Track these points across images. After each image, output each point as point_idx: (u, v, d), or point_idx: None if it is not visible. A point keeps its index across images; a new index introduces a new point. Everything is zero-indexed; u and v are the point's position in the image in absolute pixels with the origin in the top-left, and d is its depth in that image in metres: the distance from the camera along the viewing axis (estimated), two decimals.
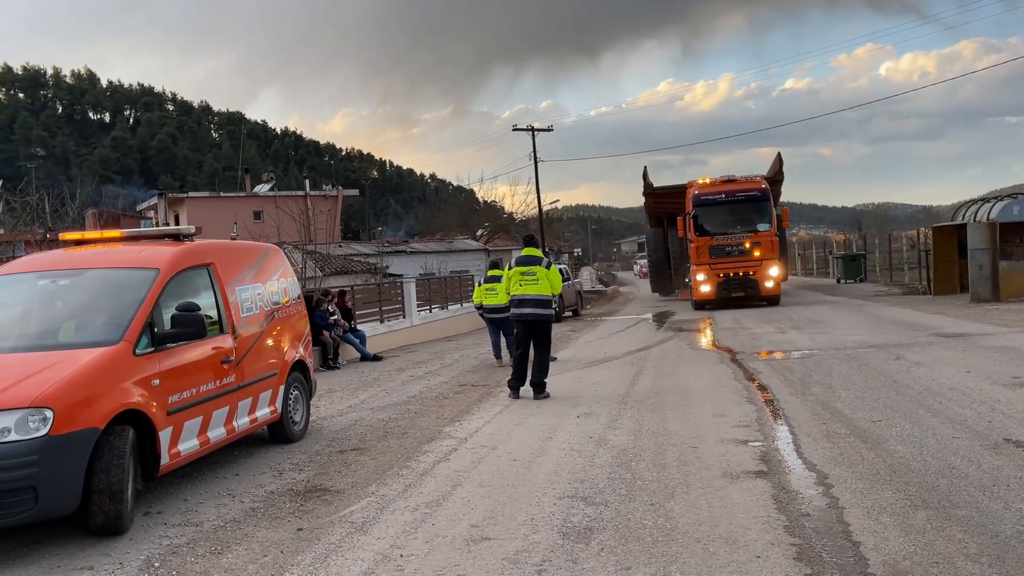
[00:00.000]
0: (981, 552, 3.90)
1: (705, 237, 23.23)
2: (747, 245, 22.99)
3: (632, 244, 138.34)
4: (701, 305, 23.43)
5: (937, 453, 5.81)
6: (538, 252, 9.79)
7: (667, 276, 31.61)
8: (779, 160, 27.56)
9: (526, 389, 9.65)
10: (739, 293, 22.92)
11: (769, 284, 22.82)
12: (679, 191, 26.58)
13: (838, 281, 36.71)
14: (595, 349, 15.16)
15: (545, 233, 45.51)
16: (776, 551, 4.16)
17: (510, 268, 9.77)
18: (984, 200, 22.38)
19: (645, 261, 43.59)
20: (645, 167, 30.22)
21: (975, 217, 21.06)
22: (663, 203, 29.30)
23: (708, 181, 24.46)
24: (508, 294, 9.83)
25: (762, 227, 23.23)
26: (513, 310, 9.68)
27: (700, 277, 23.15)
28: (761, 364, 11.33)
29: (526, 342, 9.59)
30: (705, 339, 15.65)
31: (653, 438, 6.99)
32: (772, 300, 23.04)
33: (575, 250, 69.26)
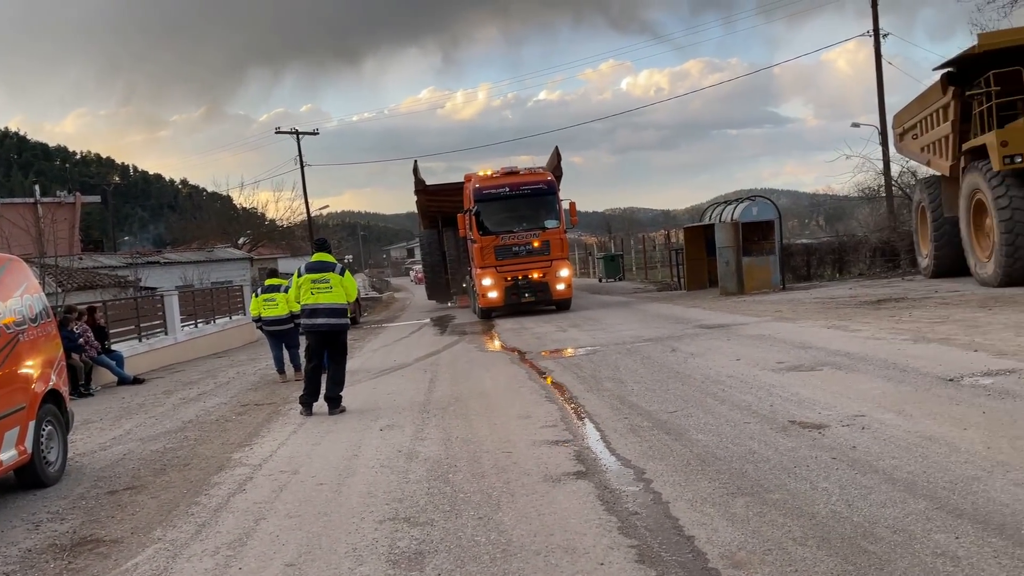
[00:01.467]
0: (806, 535, 4.05)
1: (489, 236, 20.97)
2: (536, 244, 21.00)
3: (402, 250, 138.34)
4: (488, 313, 21.32)
5: (736, 439, 6.09)
6: (330, 257, 9.23)
7: (444, 281, 30.08)
8: (557, 154, 25.34)
9: (319, 405, 9.05)
10: (530, 298, 21.07)
11: (561, 287, 21.08)
12: (455, 188, 25.12)
13: (600, 280, 38.93)
14: (383, 357, 14.72)
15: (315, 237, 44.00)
16: (617, 555, 4.07)
17: (299, 275, 9.12)
18: (728, 202, 24.65)
19: (421, 266, 40.46)
20: (415, 161, 28.04)
21: (720, 218, 23.13)
22: (438, 201, 27.71)
23: (489, 173, 22.12)
24: (298, 303, 9.17)
25: (550, 224, 21.27)
26: (304, 320, 9.04)
27: (487, 282, 20.84)
28: (551, 363, 11.53)
29: (320, 354, 9.00)
30: (491, 341, 15.76)
31: (465, 446, 6.76)
32: (563, 304, 21.48)
33: (346, 257, 67.83)
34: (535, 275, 20.89)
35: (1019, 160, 14.38)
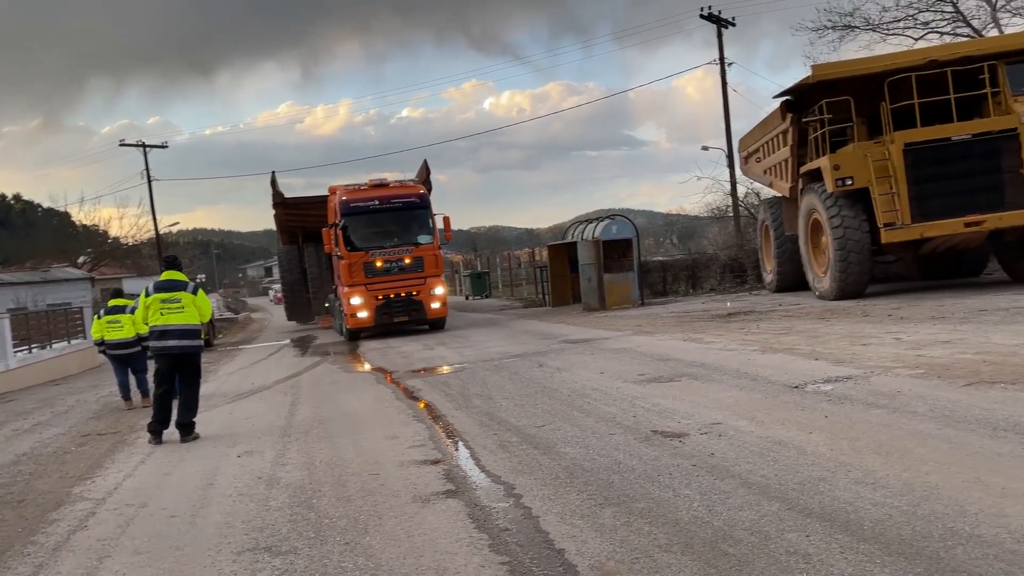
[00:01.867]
0: (671, 541, 4.16)
1: (358, 252, 19.96)
2: (408, 261, 20.22)
3: (259, 269, 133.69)
4: (356, 334, 20.44)
5: (602, 451, 6.21)
6: (182, 276, 8.74)
7: (305, 300, 28.61)
8: (426, 168, 24.15)
9: (170, 432, 8.54)
10: (402, 317, 20.22)
11: (436, 305, 20.41)
12: (318, 201, 24.02)
13: (467, 298, 39.06)
14: (240, 380, 14.10)
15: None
16: (489, 573, 4.03)
17: (147, 295, 8.58)
18: (589, 221, 25.34)
19: (280, 285, 38.27)
20: (273, 173, 26.22)
21: (582, 236, 23.74)
22: (298, 215, 26.50)
23: (357, 186, 21.16)
24: (147, 324, 8.62)
25: (423, 239, 20.52)
26: (154, 343, 8.50)
27: (355, 301, 19.85)
28: (418, 381, 11.40)
29: (170, 378, 8.50)
30: (355, 361, 15.43)
31: (329, 470, 6.54)
32: (438, 323, 20.87)
33: (199, 276, 64.71)
34: (407, 293, 20.15)
35: (849, 182, 15.57)
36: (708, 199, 53.81)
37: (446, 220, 21.11)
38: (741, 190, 32.76)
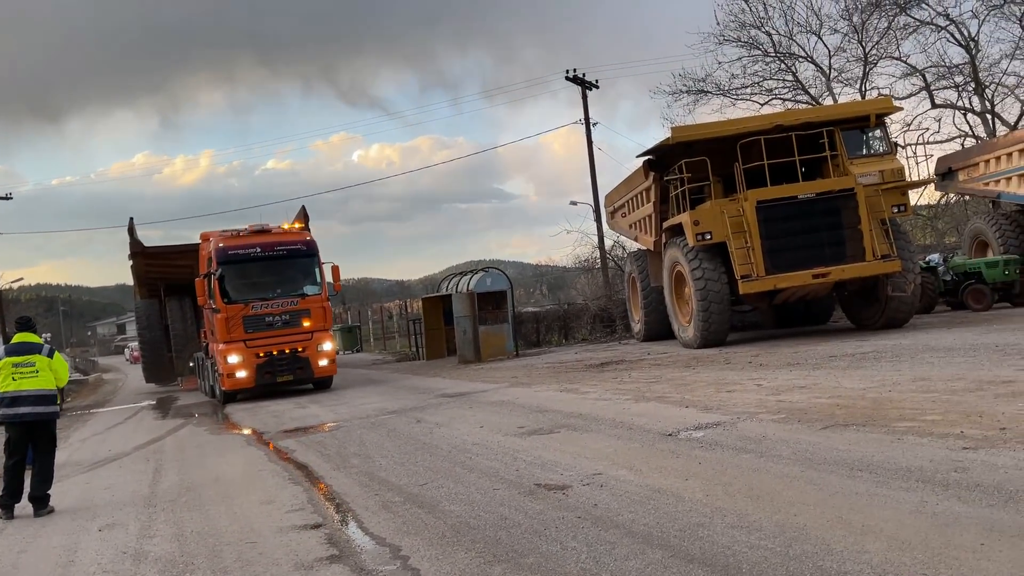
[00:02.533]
0: None
1: (237, 305, 17.77)
2: (292, 314, 18.18)
3: (111, 326, 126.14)
4: (232, 396, 18.26)
5: (487, 507, 6.22)
6: (36, 338, 8.17)
7: (167, 360, 26.61)
8: (304, 214, 22.08)
9: (22, 506, 7.87)
10: (286, 376, 18.13)
11: (323, 363, 18.39)
12: (186, 250, 22.53)
13: (338, 353, 38.24)
14: (96, 447, 13.19)
15: (6, 315, 38.90)
16: None
17: None
18: (463, 273, 25.55)
19: (137, 343, 34.81)
20: (131, 220, 23.86)
21: (456, 288, 23.89)
22: (159, 266, 24.69)
23: (235, 231, 19.00)
24: None
25: (311, 290, 18.55)
26: (4, 410, 7.86)
27: (233, 359, 17.62)
28: (292, 442, 11.04)
29: (23, 447, 7.87)
30: (222, 422, 14.77)
31: (202, 540, 6.22)
32: (324, 383, 18.99)
33: (44, 335, 60.31)
34: (292, 350, 18.11)
35: (708, 237, 16.52)
36: (577, 251, 55.40)
37: (335, 269, 18.89)
38: (608, 243, 34.01)
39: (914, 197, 29.79)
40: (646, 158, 19.39)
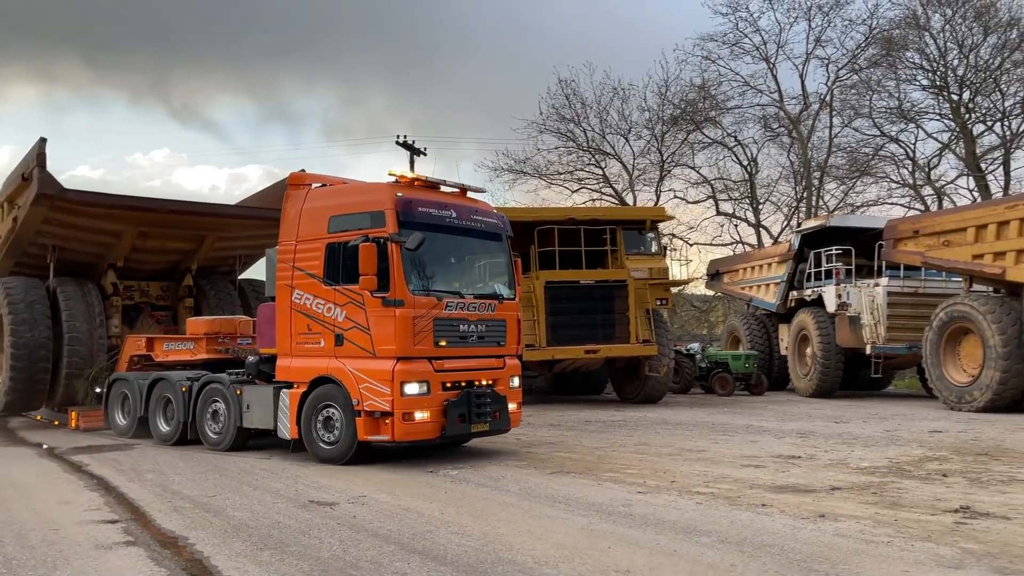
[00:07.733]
0: (312, 569, 5.72)
1: (430, 298, 10.40)
2: (491, 325, 11.23)
3: None
4: (366, 447, 10.55)
5: (265, 515, 7.56)
6: None
7: (43, 374, 15.29)
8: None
9: None
10: (482, 426, 10.78)
11: (513, 406, 11.40)
12: (145, 207, 15.56)
13: None
14: None
15: None
16: None
17: None
18: None
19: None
20: (44, 140, 14.33)
21: None
22: (72, 228, 15.53)
23: (402, 179, 10.98)
24: None
25: (505, 292, 11.62)
26: None
27: (412, 389, 10.10)
28: (85, 457, 11.64)
29: None
30: (9, 438, 14.83)
31: (7, 527, 7.11)
32: (503, 428, 11.38)
33: None
34: (491, 381, 11.15)
35: None
36: None
37: (518, 263, 12.18)
38: None
39: (692, 290, 34.10)
40: None
